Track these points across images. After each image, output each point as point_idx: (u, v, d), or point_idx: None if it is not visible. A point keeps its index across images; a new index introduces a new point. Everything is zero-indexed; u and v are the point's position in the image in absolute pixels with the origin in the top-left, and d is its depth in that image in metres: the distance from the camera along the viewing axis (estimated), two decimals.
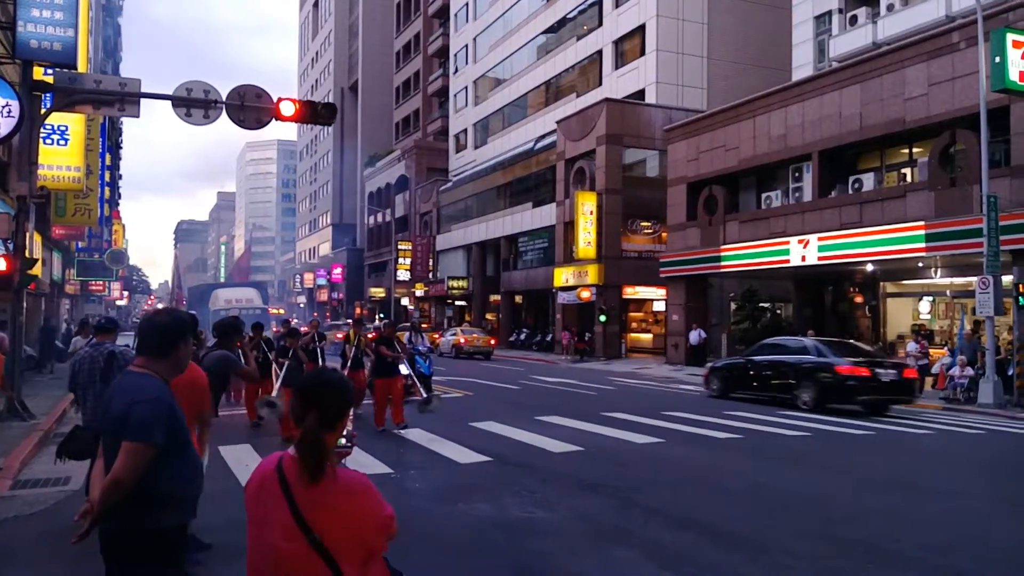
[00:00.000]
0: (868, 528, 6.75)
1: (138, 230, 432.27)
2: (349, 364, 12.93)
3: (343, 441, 2.73)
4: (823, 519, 7.08)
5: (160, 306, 59.52)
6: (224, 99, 12.97)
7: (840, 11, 26.85)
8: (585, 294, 34.12)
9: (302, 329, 14.43)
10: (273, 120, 13.39)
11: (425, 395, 12.48)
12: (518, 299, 44.75)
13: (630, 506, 7.39)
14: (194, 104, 12.89)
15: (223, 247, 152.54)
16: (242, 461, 9.35)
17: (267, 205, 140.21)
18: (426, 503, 7.52)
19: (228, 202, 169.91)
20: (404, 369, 12.47)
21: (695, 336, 28.43)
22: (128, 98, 12.82)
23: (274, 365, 12.67)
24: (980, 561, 5.88)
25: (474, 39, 54.01)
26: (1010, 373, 17.17)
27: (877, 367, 15.26)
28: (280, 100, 13.30)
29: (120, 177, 52.77)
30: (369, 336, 14.06)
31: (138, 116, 13.16)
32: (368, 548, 2.32)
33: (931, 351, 21.05)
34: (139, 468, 2.79)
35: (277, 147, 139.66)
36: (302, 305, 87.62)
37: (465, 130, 55.51)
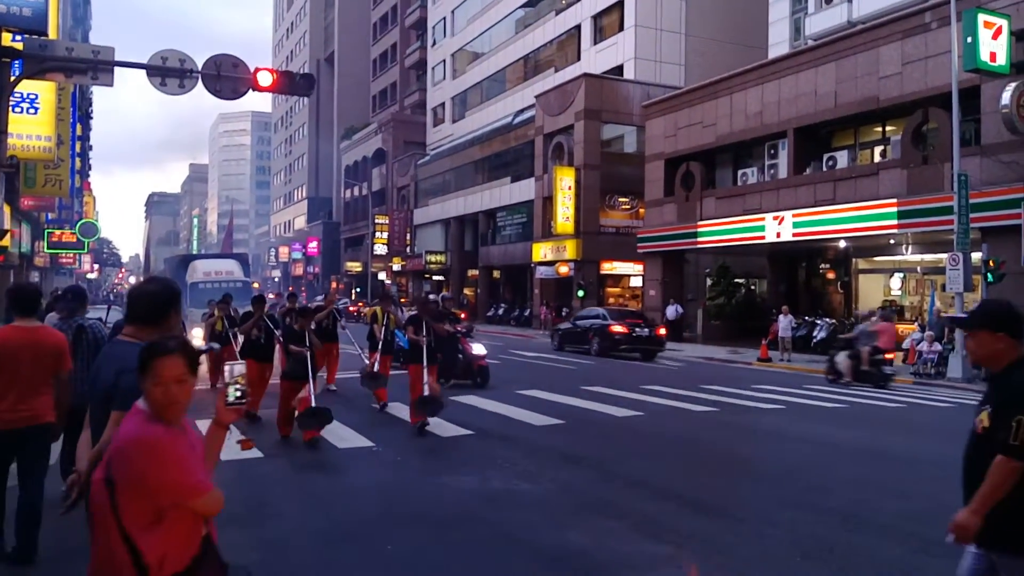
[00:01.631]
0: (843, 497, 6.96)
1: (109, 203, 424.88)
2: (380, 348, 11.91)
3: (236, 395, 2.60)
4: (800, 488, 7.28)
5: (132, 280, 58.73)
6: (200, 69, 12.83)
7: None
8: (563, 269, 34.26)
9: (316, 302, 13.14)
10: (250, 90, 13.24)
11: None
12: (496, 274, 44.79)
13: (612, 478, 7.55)
14: (169, 73, 12.70)
15: (195, 220, 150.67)
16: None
17: (241, 178, 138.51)
18: (409, 476, 7.63)
19: (201, 174, 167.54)
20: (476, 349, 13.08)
21: (672, 311, 28.71)
22: (101, 66, 12.59)
23: (278, 347, 10.66)
24: None
25: (452, 12, 53.50)
26: None
27: (636, 327, 22.18)
28: (257, 70, 13.15)
29: (91, 148, 51.90)
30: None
31: (111, 85, 12.90)
32: (155, 508, 2.32)
33: (901, 327, 21.43)
34: None
35: (251, 119, 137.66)
36: (277, 279, 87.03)
37: (443, 104, 55.14)
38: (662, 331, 23.46)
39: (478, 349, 14.45)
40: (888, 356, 16.55)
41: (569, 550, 5.49)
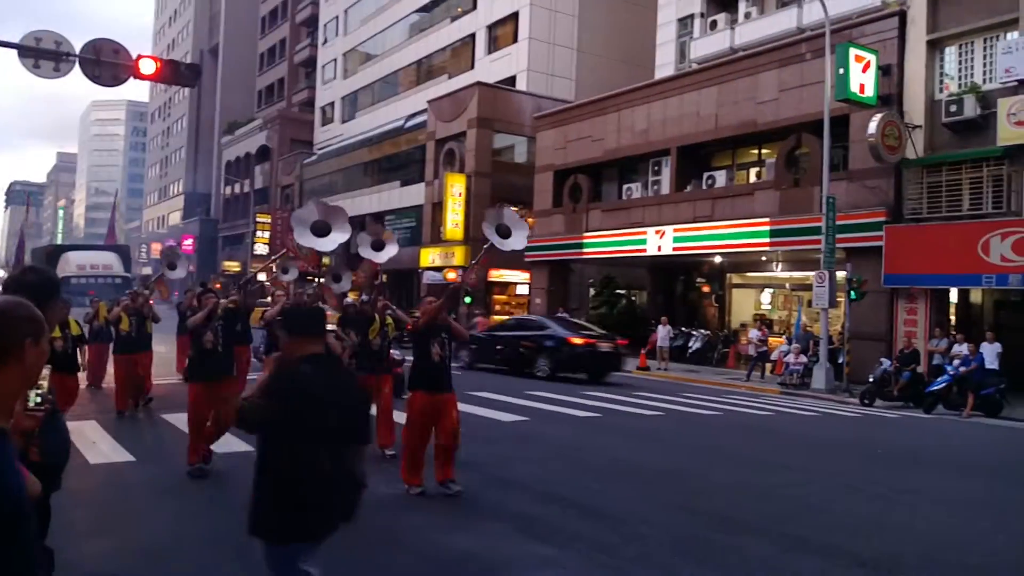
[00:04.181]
0: (718, 500, 7.31)
1: None
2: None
3: (37, 400, 2.45)
4: (679, 492, 7.59)
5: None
6: (78, 52, 12.20)
7: (702, 15, 28.08)
8: (451, 275, 34.26)
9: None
10: (131, 78, 12.69)
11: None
12: (384, 277, 44.32)
13: (499, 481, 7.65)
14: (43, 55, 12.02)
15: (61, 211, 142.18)
16: (88, 437, 8.95)
17: (113, 169, 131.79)
18: None
19: (69, 164, 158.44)
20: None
21: None
22: None
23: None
24: (820, 529, 6.49)
25: (345, 11, 52.69)
26: (840, 361, 18.71)
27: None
28: (140, 57, 12.61)
29: None
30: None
31: None
32: None
33: (770, 339, 22.58)
34: None
35: (126, 108, 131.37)
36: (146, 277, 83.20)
37: (332, 103, 54.19)
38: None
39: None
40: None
41: (455, 553, 5.54)
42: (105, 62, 12.41)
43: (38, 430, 2.65)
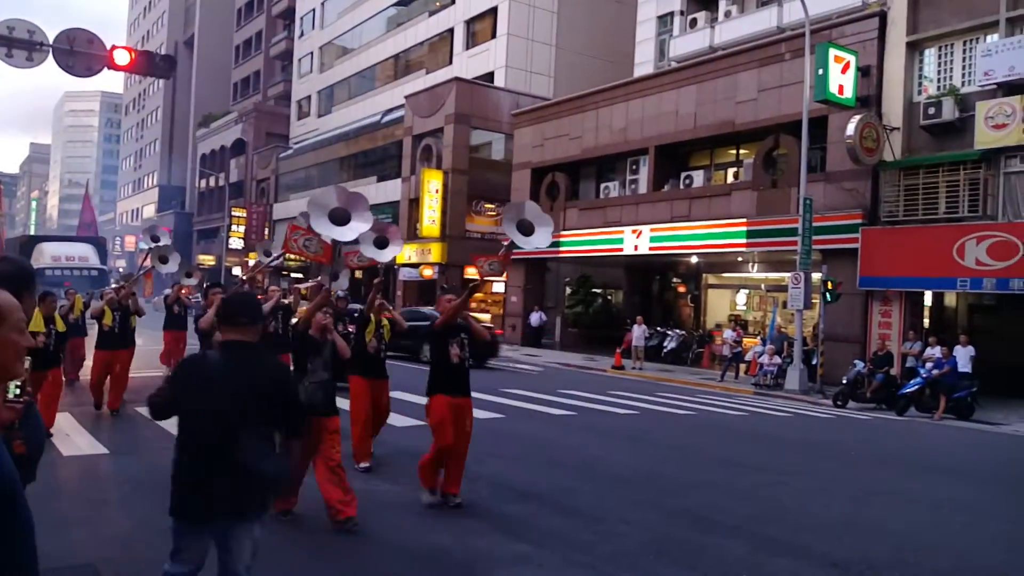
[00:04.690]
0: (693, 499, 7.25)
1: None
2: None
3: (16, 391, 2.43)
4: (655, 490, 7.53)
5: None
6: (51, 42, 11.92)
7: (682, 13, 28.09)
8: (427, 272, 34.11)
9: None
10: (105, 69, 12.44)
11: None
12: (358, 274, 43.86)
13: (474, 478, 7.51)
14: (16, 44, 11.73)
15: (34, 203, 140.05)
16: (62, 430, 8.75)
17: (86, 160, 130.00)
18: None
19: (42, 155, 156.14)
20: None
21: (536, 318, 29.14)
22: None
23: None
24: (793, 530, 6.45)
25: (322, 4, 52.26)
26: (814, 362, 18.78)
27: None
28: (114, 48, 12.36)
29: None
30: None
31: None
32: None
33: (744, 340, 22.65)
34: None
35: (100, 99, 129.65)
36: (121, 270, 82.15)
37: (309, 97, 53.73)
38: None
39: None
40: None
41: (432, 549, 5.46)
42: (79, 52, 12.15)
43: (18, 422, 2.59)
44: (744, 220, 21.40)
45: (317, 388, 5.93)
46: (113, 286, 12.18)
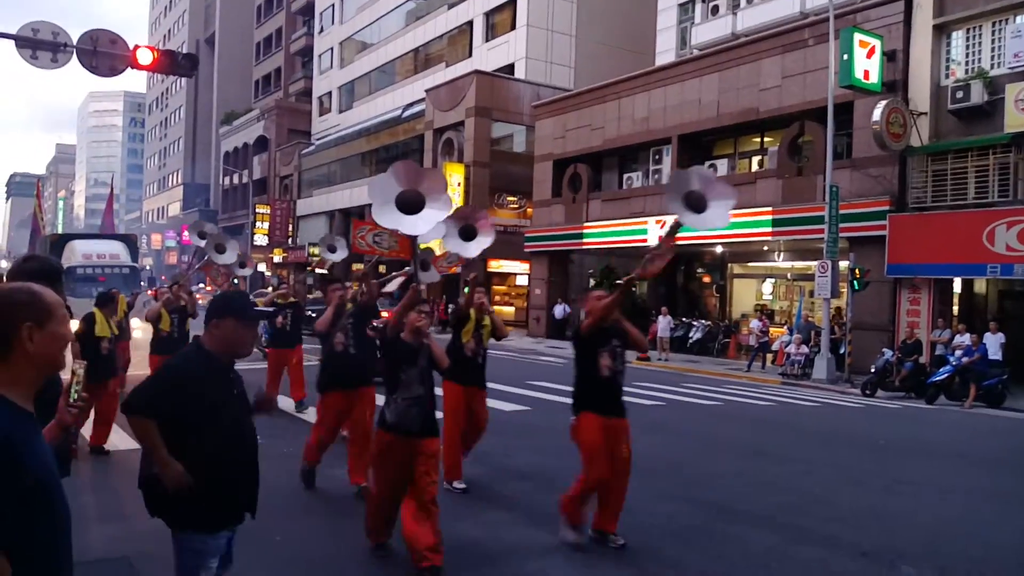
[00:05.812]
0: (721, 490, 7.22)
1: None
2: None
3: (75, 395, 2.42)
4: (681, 482, 7.50)
5: (3, 264, 54.40)
6: (75, 43, 12.05)
7: (703, 0, 27.88)
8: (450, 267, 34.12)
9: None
10: (129, 68, 12.56)
11: None
12: (382, 268, 44.10)
13: (502, 471, 7.55)
14: (41, 46, 11.88)
15: (61, 202, 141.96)
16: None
17: (111, 160, 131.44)
18: (287, 473, 7.38)
19: (68, 155, 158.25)
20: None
21: (560, 310, 29.10)
22: None
23: None
24: (821, 520, 6.40)
25: None
26: (842, 352, 18.60)
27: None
28: (137, 47, 12.47)
29: None
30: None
31: None
32: None
33: (771, 330, 22.47)
34: None
35: (124, 99, 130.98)
36: (148, 267, 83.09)
37: (330, 93, 53.94)
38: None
39: None
40: None
41: (462, 541, 5.48)
42: (102, 52, 12.26)
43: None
44: (769, 208, 21.20)
45: (411, 405, 5.00)
46: (171, 283, 11.65)
